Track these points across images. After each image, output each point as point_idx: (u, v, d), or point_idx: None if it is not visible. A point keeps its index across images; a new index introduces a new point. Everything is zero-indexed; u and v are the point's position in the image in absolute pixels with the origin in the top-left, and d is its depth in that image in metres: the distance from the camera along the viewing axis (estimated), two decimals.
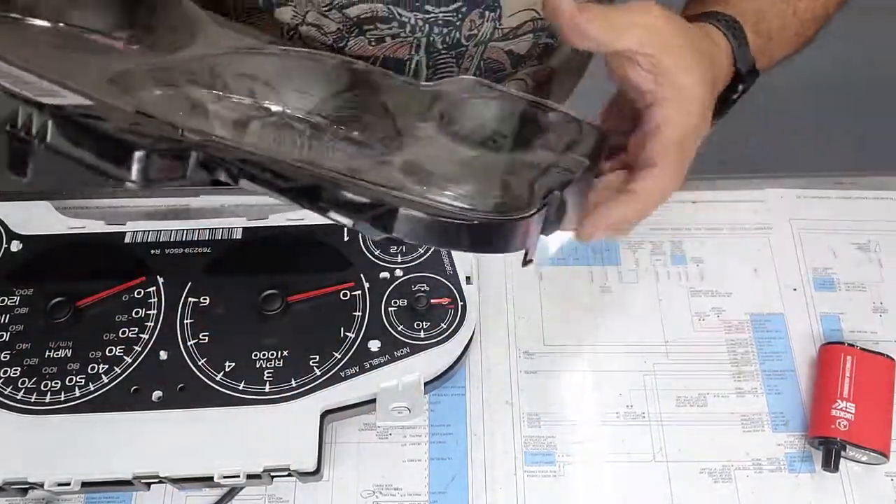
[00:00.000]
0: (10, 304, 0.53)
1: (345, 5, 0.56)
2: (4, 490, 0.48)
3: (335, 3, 0.56)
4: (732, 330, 0.59)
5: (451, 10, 0.56)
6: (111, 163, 0.35)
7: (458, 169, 0.42)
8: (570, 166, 0.43)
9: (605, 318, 0.59)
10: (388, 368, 0.51)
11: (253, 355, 0.51)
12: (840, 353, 0.55)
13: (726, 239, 0.63)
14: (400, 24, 0.57)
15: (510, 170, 0.43)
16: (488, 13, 0.57)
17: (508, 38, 0.60)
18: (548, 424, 0.55)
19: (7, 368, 0.51)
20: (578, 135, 0.45)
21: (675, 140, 0.43)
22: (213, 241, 0.55)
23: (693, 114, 0.43)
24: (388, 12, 0.56)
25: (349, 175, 0.38)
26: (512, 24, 0.58)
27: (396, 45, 0.58)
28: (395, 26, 0.57)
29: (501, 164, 0.44)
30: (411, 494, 0.53)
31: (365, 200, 0.36)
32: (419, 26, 0.57)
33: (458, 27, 0.57)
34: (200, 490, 0.52)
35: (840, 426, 0.53)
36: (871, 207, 0.64)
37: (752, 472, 0.54)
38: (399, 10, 0.56)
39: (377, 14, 0.56)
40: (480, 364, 0.57)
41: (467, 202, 0.38)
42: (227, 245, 0.56)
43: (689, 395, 0.56)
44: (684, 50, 0.43)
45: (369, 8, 0.55)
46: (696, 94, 0.43)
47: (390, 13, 0.56)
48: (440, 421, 0.55)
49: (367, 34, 0.57)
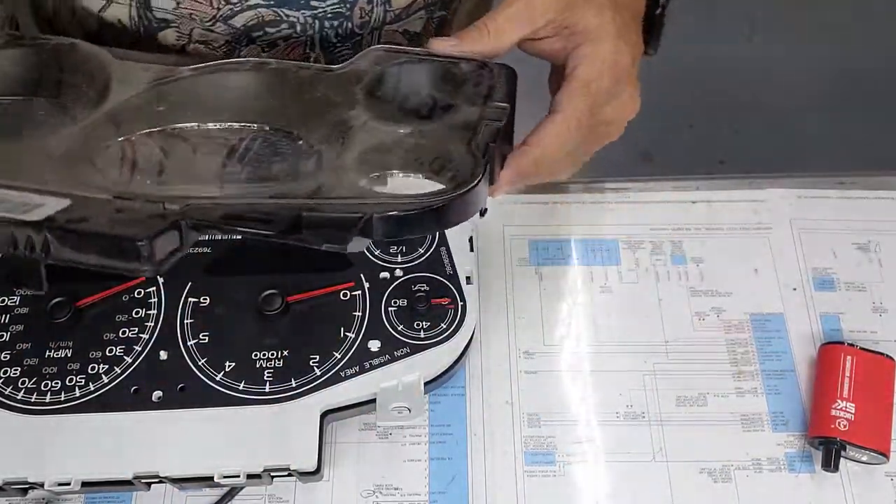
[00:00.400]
0: (10, 304, 0.53)
1: (229, 16, 0.54)
2: (4, 490, 0.48)
3: (219, 16, 0.54)
4: (732, 330, 0.59)
5: (338, 1, 0.55)
6: (119, 259, 0.37)
7: (403, 154, 0.43)
8: (495, 116, 0.44)
9: (605, 318, 0.59)
10: (388, 368, 0.51)
11: (253, 355, 0.51)
12: (840, 352, 0.55)
13: (726, 239, 0.63)
14: (289, 24, 0.55)
15: (447, 138, 0.44)
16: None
17: (401, 18, 0.59)
18: (548, 424, 0.55)
19: (7, 368, 0.51)
20: (492, 79, 0.46)
21: (579, 86, 0.45)
22: (213, 241, 0.55)
23: (602, 53, 0.45)
24: (275, 15, 0.55)
25: (321, 197, 0.40)
26: (402, 3, 0.57)
27: (289, 47, 0.57)
28: (285, 28, 0.56)
29: (438, 134, 0.44)
30: (411, 494, 0.53)
31: (346, 217, 0.39)
32: (309, 24, 0.56)
33: (349, 17, 0.56)
34: (200, 490, 0.52)
35: (840, 426, 0.53)
36: (871, 207, 0.64)
37: (752, 471, 0.54)
38: (285, 11, 0.54)
39: (264, 19, 0.54)
40: (480, 364, 0.57)
41: (427, 187, 0.41)
42: (227, 245, 0.55)
43: (689, 395, 0.56)
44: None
45: (254, 14, 0.54)
46: (595, 33, 0.45)
47: (277, 16, 0.55)
48: (440, 421, 0.55)
49: (257, 41, 0.56)
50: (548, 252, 0.62)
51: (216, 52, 0.57)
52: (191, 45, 0.56)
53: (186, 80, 0.48)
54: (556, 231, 0.63)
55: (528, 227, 0.63)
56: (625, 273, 0.61)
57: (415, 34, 0.62)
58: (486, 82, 0.46)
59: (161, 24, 0.55)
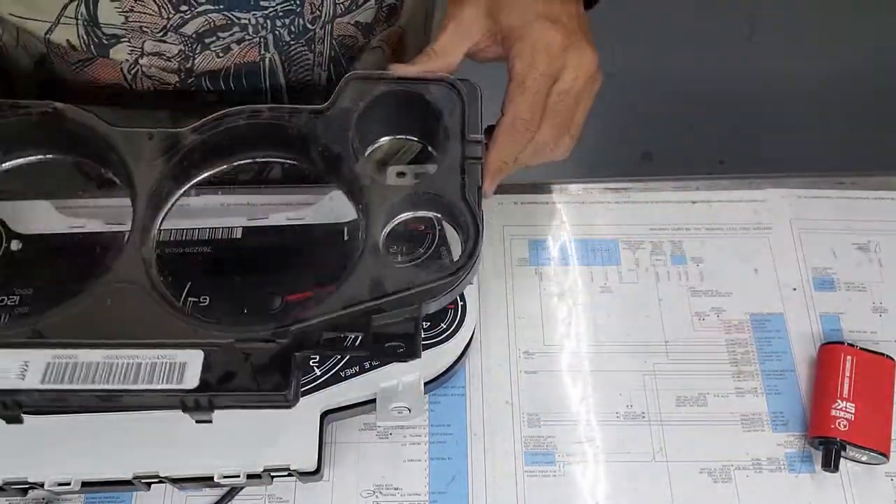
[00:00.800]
0: (10, 304, 0.53)
1: (180, 25, 0.54)
2: (4, 490, 0.48)
3: (169, 26, 0.54)
4: (732, 330, 0.59)
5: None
6: (269, 404, 0.44)
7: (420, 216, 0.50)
8: (475, 153, 0.50)
9: (605, 318, 0.59)
10: (388, 368, 0.51)
11: None
12: (840, 353, 0.55)
13: (726, 239, 0.63)
14: (241, 27, 0.55)
15: (444, 186, 0.49)
16: None
17: (351, 10, 0.59)
18: (548, 424, 0.55)
19: None
20: (461, 102, 0.52)
21: (514, 86, 0.50)
22: (213, 240, 0.55)
23: (529, 45, 0.50)
24: (226, 19, 0.54)
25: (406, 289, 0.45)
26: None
27: (244, 49, 0.57)
28: (237, 31, 0.55)
29: (435, 184, 0.49)
30: (411, 494, 0.53)
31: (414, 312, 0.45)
32: (261, 24, 0.56)
33: (300, 13, 0.56)
34: (200, 490, 0.52)
35: (840, 426, 0.53)
36: (871, 207, 0.64)
37: (752, 471, 0.54)
38: (235, 14, 0.54)
39: (215, 24, 0.54)
40: (480, 364, 0.57)
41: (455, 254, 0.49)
42: (227, 245, 0.55)
43: (689, 395, 0.56)
44: (480, 6, 0.52)
45: (204, 21, 0.54)
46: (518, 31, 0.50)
47: (227, 19, 0.54)
48: (440, 421, 0.55)
49: (210, 47, 0.56)
50: (548, 252, 0.62)
51: (170, 63, 0.56)
52: (143, 59, 0.56)
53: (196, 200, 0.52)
54: (557, 231, 0.63)
55: (528, 227, 0.63)
56: (625, 273, 0.61)
57: (366, 24, 0.61)
58: (457, 109, 0.51)
59: (112, 41, 0.55)
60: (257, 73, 0.59)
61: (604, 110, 0.67)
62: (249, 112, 0.50)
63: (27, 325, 0.43)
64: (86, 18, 0.53)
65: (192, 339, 0.43)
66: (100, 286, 0.45)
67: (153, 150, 0.49)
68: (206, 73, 0.58)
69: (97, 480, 0.48)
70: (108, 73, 0.58)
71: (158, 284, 0.46)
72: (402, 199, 0.49)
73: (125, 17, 0.53)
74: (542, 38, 0.50)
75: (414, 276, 0.46)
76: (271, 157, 0.53)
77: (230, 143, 0.51)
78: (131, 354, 0.42)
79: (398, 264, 0.49)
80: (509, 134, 0.51)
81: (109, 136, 0.49)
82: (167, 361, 0.42)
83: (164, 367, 0.42)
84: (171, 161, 0.49)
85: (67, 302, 0.45)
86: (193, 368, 0.42)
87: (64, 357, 0.42)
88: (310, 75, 0.62)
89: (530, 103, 0.50)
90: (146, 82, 0.58)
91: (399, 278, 0.46)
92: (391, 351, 0.44)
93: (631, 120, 1.54)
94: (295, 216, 0.56)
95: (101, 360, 0.42)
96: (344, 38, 0.61)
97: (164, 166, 0.49)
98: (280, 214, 0.57)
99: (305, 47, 0.59)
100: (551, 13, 0.51)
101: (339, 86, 0.51)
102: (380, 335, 0.44)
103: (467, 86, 0.52)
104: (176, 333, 0.44)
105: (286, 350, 0.43)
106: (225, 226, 0.56)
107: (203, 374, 0.42)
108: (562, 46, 0.50)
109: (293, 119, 0.51)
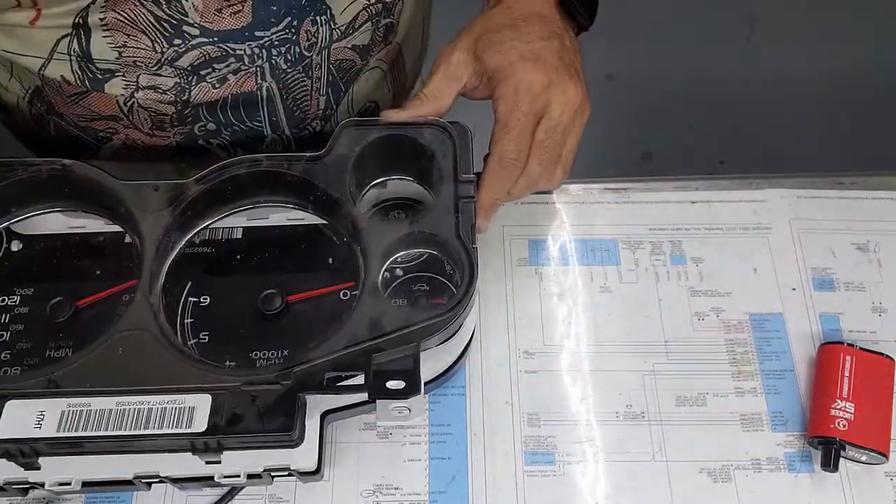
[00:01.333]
0: (10, 304, 0.53)
1: (174, 58, 0.54)
2: (5, 490, 0.48)
3: (164, 60, 0.54)
4: (732, 330, 0.59)
5: (283, 27, 0.55)
6: (277, 445, 0.46)
7: (415, 264, 0.52)
8: (467, 192, 0.52)
9: (605, 318, 0.59)
10: None
11: (253, 355, 0.51)
12: (839, 352, 0.55)
13: (726, 239, 0.63)
14: (236, 58, 0.55)
15: (439, 225, 0.51)
16: (319, 18, 0.56)
17: (348, 34, 0.59)
18: (548, 424, 0.55)
19: (8, 368, 0.51)
20: (453, 144, 0.54)
21: (499, 128, 0.52)
22: (213, 240, 0.55)
23: (511, 86, 0.51)
24: (220, 51, 0.55)
25: (405, 327, 0.47)
26: (346, 19, 0.58)
27: (241, 79, 0.57)
28: (233, 61, 0.56)
29: (430, 222, 0.51)
30: (411, 494, 0.53)
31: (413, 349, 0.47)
32: (256, 54, 0.56)
33: (296, 42, 0.57)
34: (201, 490, 0.52)
35: (839, 426, 0.53)
36: (871, 207, 0.64)
37: (752, 471, 0.54)
38: (230, 46, 0.55)
39: (210, 56, 0.55)
40: (480, 364, 0.57)
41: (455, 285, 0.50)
42: (227, 245, 0.56)
43: (689, 395, 0.57)
44: (468, 50, 0.53)
45: (199, 53, 0.54)
46: (501, 72, 0.51)
47: (223, 51, 0.55)
48: (440, 421, 0.55)
49: (206, 78, 0.56)
50: (548, 252, 0.62)
51: (167, 96, 0.56)
52: (139, 92, 0.56)
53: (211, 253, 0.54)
54: (556, 231, 0.63)
55: (528, 227, 0.63)
56: (625, 273, 0.61)
57: (364, 47, 0.62)
58: (450, 150, 0.54)
59: (106, 75, 0.55)
60: (255, 102, 0.59)
61: (604, 110, 0.67)
62: (250, 161, 0.53)
63: (42, 374, 0.46)
64: (79, 54, 0.53)
65: (201, 383, 0.45)
66: (111, 334, 0.47)
67: (159, 202, 0.52)
68: (203, 105, 0.58)
69: (97, 480, 0.48)
70: (105, 105, 0.58)
71: (167, 331, 0.48)
72: (398, 239, 0.51)
73: (118, 53, 0.53)
74: (525, 79, 0.51)
75: (411, 314, 0.48)
76: (272, 203, 0.55)
77: (232, 191, 0.53)
78: (142, 400, 0.45)
79: (396, 303, 0.50)
80: (497, 173, 0.52)
81: (116, 189, 0.52)
82: (177, 406, 0.45)
83: (173, 412, 0.44)
84: (176, 211, 0.51)
85: (81, 351, 0.47)
86: (202, 412, 0.44)
87: (78, 405, 0.45)
88: (308, 101, 0.62)
89: (515, 142, 0.51)
90: (143, 114, 0.58)
91: (397, 317, 0.48)
92: (393, 392, 0.46)
93: (631, 120, 1.54)
94: (295, 216, 0.56)
95: (113, 407, 0.45)
96: (341, 63, 0.61)
97: (169, 217, 0.52)
98: (280, 214, 0.57)
99: (303, 74, 0.59)
100: (532, 52, 0.52)
101: (335, 133, 0.54)
102: (380, 372, 0.46)
103: (458, 128, 0.54)
104: (185, 378, 0.46)
105: (290, 391, 0.45)
106: (225, 226, 0.56)
107: (211, 418, 0.44)
108: (543, 85, 0.51)
109: (292, 166, 0.53)
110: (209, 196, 0.53)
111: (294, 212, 0.57)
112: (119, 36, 0.52)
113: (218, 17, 0.52)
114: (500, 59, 0.52)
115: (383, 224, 0.53)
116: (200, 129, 0.60)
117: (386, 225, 0.53)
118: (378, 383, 0.46)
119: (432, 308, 0.49)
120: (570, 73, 0.52)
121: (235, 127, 0.60)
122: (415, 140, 0.54)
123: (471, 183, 0.53)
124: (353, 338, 0.47)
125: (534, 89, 0.51)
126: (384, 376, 0.46)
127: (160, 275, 0.51)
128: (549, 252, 0.62)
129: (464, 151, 0.54)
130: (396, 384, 0.46)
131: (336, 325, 0.49)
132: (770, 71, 1.67)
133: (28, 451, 0.44)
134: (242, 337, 0.52)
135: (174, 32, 0.52)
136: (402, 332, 0.47)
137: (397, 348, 0.47)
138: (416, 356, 0.47)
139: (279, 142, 0.64)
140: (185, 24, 0.52)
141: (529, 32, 0.53)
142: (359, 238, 0.52)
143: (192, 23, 0.52)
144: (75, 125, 0.60)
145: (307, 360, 0.46)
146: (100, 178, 0.52)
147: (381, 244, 0.51)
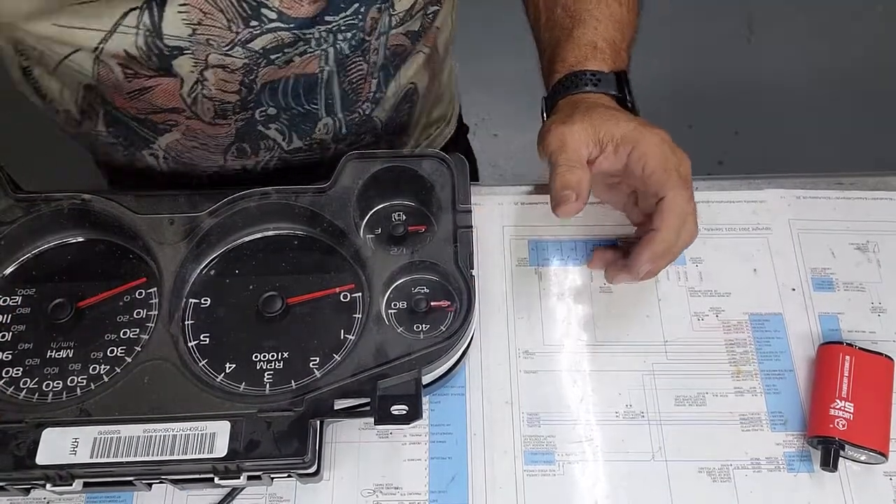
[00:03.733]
0: (11, 304, 0.53)
1: (248, 40, 0.54)
2: (6, 490, 0.48)
3: (237, 40, 0.53)
4: (731, 330, 0.59)
5: (351, 13, 0.56)
6: (293, 470, 0.49)
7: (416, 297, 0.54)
8: (465, 222, 0.54)
9: (605, 318, 0.59)
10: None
11: (253, 357, 0.51)
12: (839, 352, 0.55)
13: (726, 239, 0.63)
14: (305, 41, 0.56)
15: (442, 256, 0.53)
16: (383, 4, 0.57)
17: (404, 21, 0.60)
18: (548, 424, 0.55)
19: (9, 368, 0.51)
20: (450, 173, 0.56)
21: (663, 174, 0.53)
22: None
23: (650, 142, 0.53)
24: (294, 36, 0.55)
25: (407, 354, 0.50)
26: (405, 6, 0.59)
27: (305, 61, 0.57)
28: (301, 44, 0.56)
29: (431, 251, 0.54)
30: (411, 494, 0.53)
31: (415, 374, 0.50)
32: (324, 38, 0.56)
33: (361, 27, 0.57)
34: (201, 490, 0.52)
35: (839, 426, 0.53)
36: (871, 207, 0.64)
37: (751, 471, 0.54)
38: (302, 31, 0.55)
39: (283, 41, 0.55)
40: (480, 364, 0.57)
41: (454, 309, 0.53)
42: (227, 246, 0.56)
43: (688, 395, 0.57)
44: (582, 130, 0.54)
45: (274, 37, 0.54)
46: (632, 135, 0.54)
47: (295, 37, 0.55)
48: (440, 421, 0.55)
49: (275, 62, 0.56)
50: (548, 252, 0.62)
51: (234, 75, 0.56)
52: (207, 70, 0.55)
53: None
54: (556, 231, 0.63)
55: (528, 227, 0.63)
56: None
57: (415, 32, 0.62)
58: (448, 182, 0.56)
59: (174, 52, 0.53)
60: (314, 84, 0.60)
61: None
62: (259, 195, 0.55)
63: (74, 404, 0.48)
64: (148, 28, 0.51)
65: (220, 410, 0.48)
66: (134, 364, 0.50)
67: (175, 234, 0.54)
68: (267, 85, 0.58)
69: (98, 481, 0.48)
70: (167, 98, 0.57)
71: (188, 360, 0.50)
72: (400, 267, 0.54)
73: (192, 30, 0.52)
74: (655, 136, 0.54)
75: (413, 341, 0.51)
76: (281, 231, 0.57)
77: (243, 222, 0.56)
78: (167, 427, 0.47)
79: (399, 330, 0.52)
80: (676, 210, 0.54)
81: (134, 222, 0.54)
82: (199, 432, 0.47)
83: (196, 438, 0.47)
84: (191, 244, 0.54)
85: (108, 380, 0.50)
86: (222, 438, 0.47)
87: (108, 432, 0.47)
88: (362, 84, 0.63)
89: (683, 182, 0.54)
90: (206, 104, 0.58)
91: (400, 344, 0.51)
92: (397, 418, 0.48)
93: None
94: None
95: (141, 434, 0.47)
96: (396, 48, 0.62)
97: (185, 248, 0.54)
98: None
99: (361, 57, 0.60)
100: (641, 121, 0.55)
101: (339, 166, 0.56)
102: (385, 397, 0.49)
103: (456, 159, 0.57)
104: (205, 406, 0.48)
105: (302, 417, 0.48)
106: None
107: (231, 444, 0.47)
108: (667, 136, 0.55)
109: (299, 199, 0.55)
110: (222, 228, 0.55)
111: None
112: (195, 13, 0.51)
113: (297, 4, 0.53)
114: (627, 127, 0.54)
115: (385, 254, 0.55)
116: (261, 113, 0.61)
117: (388, 254, 0.54)
118: (383, 409, 0.48)
119: (434, 336, 0.51)
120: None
121: (294, 110, 0.61)
122: (415, 171, 0.56)
123: (468, 213, 0.55)
124: (360, 365, 0.50)
125: (667, 141, 0.54)
126: (388, 401, 0.48)
127: (179, 305, 0.53)
128: (549, 252, 0.62)
129: (462, 182, 0.56)
130: (400, 410, 0.48)
131: (340, 343, 0.52)
132: (770, 71, 1.67)
133: (66, 476, 0.47)
134: (243, 339, 0.52)
135: (252, 14, 0.52)
136: (405, 358, 0.50)
137: (399, 375, 0.49)
138: (418, 381, 0.49)
139: (331, 125, 0.64)
140: (263, 6, 0.52)
141: (615, 113, 0.55)
142: (363, 267, 0.54)
143: (271, 6, 0.52)
144: (134, 118, 0.60)
145: (316, 387, 0.49)
146: (118, 212, 0.54)
147: (384, 273, 0.53)
